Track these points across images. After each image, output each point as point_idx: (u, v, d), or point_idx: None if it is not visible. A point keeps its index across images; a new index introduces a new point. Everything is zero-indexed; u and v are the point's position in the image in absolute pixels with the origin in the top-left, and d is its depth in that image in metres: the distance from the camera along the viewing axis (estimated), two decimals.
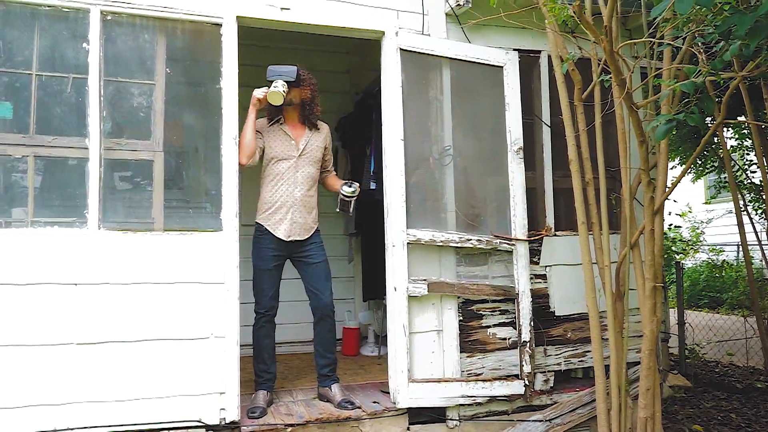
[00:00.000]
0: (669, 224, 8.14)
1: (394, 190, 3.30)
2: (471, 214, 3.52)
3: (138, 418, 2.80)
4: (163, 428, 2.83)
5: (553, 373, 3.66)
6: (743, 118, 4.79)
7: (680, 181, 2.88)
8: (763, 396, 4.41)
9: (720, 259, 9.64)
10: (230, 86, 3.06)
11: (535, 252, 3.67)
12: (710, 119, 5.10)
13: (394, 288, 3.29)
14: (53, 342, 2.72)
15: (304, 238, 3.31)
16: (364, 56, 5.03)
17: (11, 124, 2.81)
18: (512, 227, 3.54)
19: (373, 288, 4.77)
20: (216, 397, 2.92)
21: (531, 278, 3.58)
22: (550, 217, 3.75)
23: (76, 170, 2.86)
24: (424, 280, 3.33)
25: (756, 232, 5.02)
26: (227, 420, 2.92)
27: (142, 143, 3.00)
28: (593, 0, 3.06)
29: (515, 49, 3.66)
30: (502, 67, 3.60)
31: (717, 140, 5.32)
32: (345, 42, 4.06)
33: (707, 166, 6.76)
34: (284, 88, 3.16)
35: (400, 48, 3.37)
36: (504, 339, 3.53)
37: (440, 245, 3.39)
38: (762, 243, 4.81)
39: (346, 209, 3.38)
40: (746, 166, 6.20)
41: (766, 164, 4.17)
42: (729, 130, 6.19)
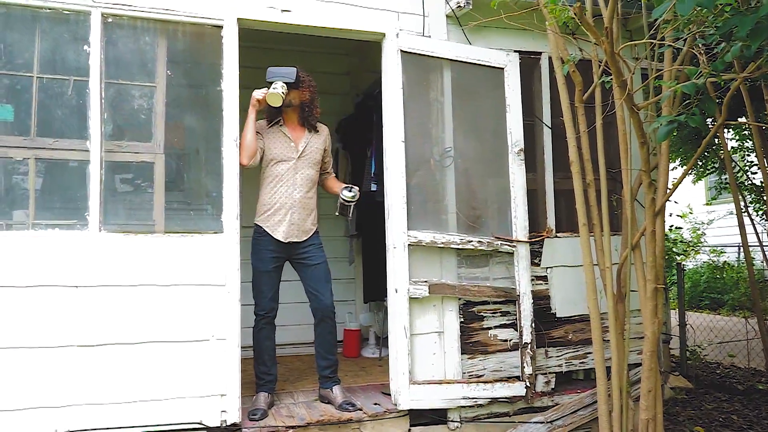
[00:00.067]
0: (670, 225, 8.13)
1: (395, 192, 3.30)
2: (472, 216, 3.52)
3: (139, 420, 2.80)
4: (164, 430, 2.83)
5: (555, 375, 3.66)
6: (744, 120, 4.79)
7: (681, 183, 2.88)
8: (765, 397, 4.40)
9: (721, 261, 9.63)
10: (231, 88, 3.06)
11: (536, 253, 3.67)
12: (711, 120, 5.09)
13: (395, 290, 3.29)
14: (54, 344, 2.72)
15: (302, 240, 3.31)
16: (365, 58, 5.03)
17: (12, 127, 2.81)
18: (513, 229, 3.54)
19: (374, 290, 4.76)
20: (217, 399, 2.92)
21: (532, 280, 3.58)
22: (551, 219, 3.75)
23: (77, 172, 2.86)
24: (425, 282, 3.33)
25: (757, 233, 5.01)
26: (228, 422, 2.92)
27: (143, 145, 3.00)
28: (594, 1, 3.07)
29: (516, 51, 3.66)
30: (503, 69, 3.60)
31: (718, 141, 5.31)
32: (345, 44, 4.06)
33: (708, 168, 6.75)
34: (283, 90, 3.16)
35: (401, 50, 3.37)
36: (505, 340, 3.53)
37: (441, 247, 3.39)
38: (763, 244, 4.80)
39: (346, 213, 3.39)
40: (747, 168, 6.19)
41: (767, 165, 4.16)
42: (730, 132, 6.18)
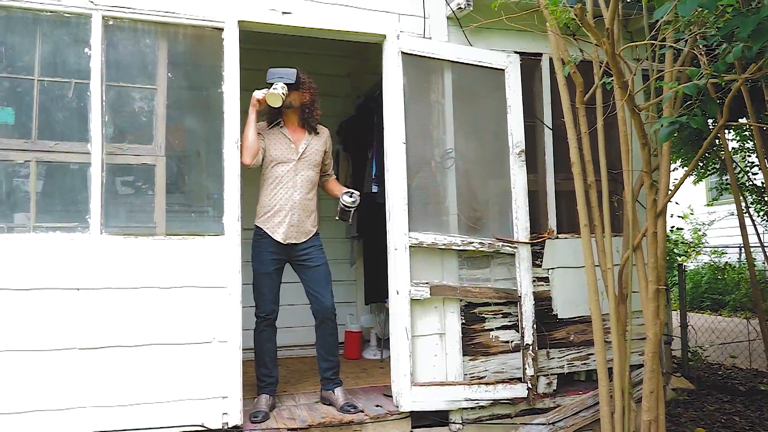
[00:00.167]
0: (671, 226, 8.12)
1: (396, 194, 3.30)
2: (473, 217, 3.52)
3: (140, 423, 2.79)
4: None
5: (556, 376, 3.65)
6: (745, 120, 4.78)
7: (683, 184, 2.87)
8: (767, 399, 4.40)
9: (722, 261, 9.62)
10: (232, 90, 3.06)
11: (538, 255, 3.67)
12: (712, 121, 5.09)
13: (397, 291, 3.28)
14: (55, 347, 2.72)
15: (303, 241, 3.31)
16: (365, 60, 5.03)
17: (13, 129, 2.81)
18: (514, 230, 3.53)
19: (375, 291, 4.76)
20: (218, 402, 2.92)
21: (533, 281, 3.58)
22: (553, 220, 3.75)
23: (78, 175, 2.86)
24: (427, 284, 3.32)
25: (758, 234, 5.00)
26: (230, 424, 2.91)
27: (144, 148, 3.00)
28: (595, 3, 3.07)
29: (517, 52, 3.66)
30: (504, 70, 3.60)
31: (719, 142, 5.31)
32: (346, 45, 4.06)
33: (709, 168, 6.75)
34: (284, 91, 3.17)
35: (402, 51, 3.37)
36: (507, 342, 3.52)
37: (442, 248, 3.38)
38: (764, 245, 4.79)
39: (346, 218, 3.38)
40: (748, 168, 6.19)
41: None
42: (730, 132, 6.18)
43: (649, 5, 3.17)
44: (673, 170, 6.83)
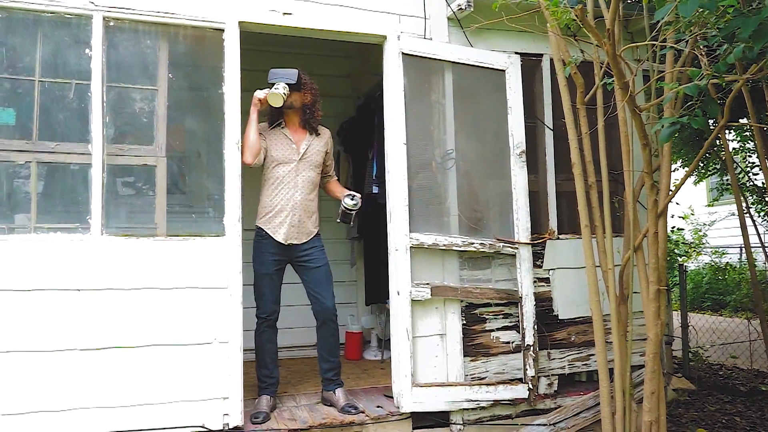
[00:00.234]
0: (672, 227, 8.12)
1: (397, 194, 3.30)
2: (474, 218, 3.52)
3: (141, 424, 2.79)
4: None
5: (557, 377, 3.65)
6: (745, 121, 4.78)
7: (683, 184, 2.87)
8: None
9: (723, 262, 9.61)
10: (232, 91, 3.06)
11: (539, 255, 3.66)
12: (712, 122, 5.09)
13: (397, 292, 3.28)
14: (56, 348, 2.72)
15: (303, 242, 3.31)
16: (366, 60, 5.03)
17: (14, 130, 2.82)
18: (515, 231, 3.53)
19: (376, 292, 4.76)
20: (219, 402, 2.92)
21: (534, 282, 3.58)
22: (553, 221, 3.75)
23: (79, 176, 2.86)
24: (427, 284, 3.32)
25: (759, 234, 5.00)
26: (231, 425, 2.91)
27: (145, 148, 3.01)
28: (595, 3, 3.07)
29: (517, 53, 3.66)
30: (505, 71, 3.60)
31: (719, 143, 5.31)
32: (346, 46, 4.06)
33: (710, 169, 6.74)
34: (285, 91, 3.17)
35: (402, 52, 3.37)
36: (507, 343, 3.52)
37: (443, 249, 3.38)
38: (765, 245, 4.79)
39: (347, 221, 3.38)
40: (749, 169, 6.18)
41: None
42: (731, 133, 6.17)
43: (650, 6, 3.17)
44: (674, 171, 6.82)
